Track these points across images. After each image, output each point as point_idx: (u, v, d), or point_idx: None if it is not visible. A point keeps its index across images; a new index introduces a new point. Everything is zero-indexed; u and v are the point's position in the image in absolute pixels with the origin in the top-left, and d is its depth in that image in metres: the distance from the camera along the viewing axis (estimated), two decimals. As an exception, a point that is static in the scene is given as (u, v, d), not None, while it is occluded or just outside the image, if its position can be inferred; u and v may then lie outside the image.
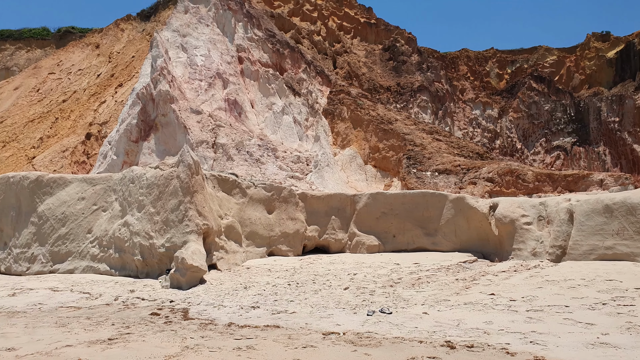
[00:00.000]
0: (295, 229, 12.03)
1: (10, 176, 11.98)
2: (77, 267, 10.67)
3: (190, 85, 22.05)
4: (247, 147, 19.47)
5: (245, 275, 9.60)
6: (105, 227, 10.74)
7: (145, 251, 9.89)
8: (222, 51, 23.85)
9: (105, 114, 28.38)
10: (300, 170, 19.19)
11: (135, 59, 34.36)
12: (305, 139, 21.54)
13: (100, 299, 8.15)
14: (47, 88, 37.14)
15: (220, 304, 7.45)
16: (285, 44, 24.67)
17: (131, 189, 10.54)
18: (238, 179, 11.87)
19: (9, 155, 28.39)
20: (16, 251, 11.32)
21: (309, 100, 23.05)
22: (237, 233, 11.11)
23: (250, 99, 22.81)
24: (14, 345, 5.57)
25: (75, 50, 41.31)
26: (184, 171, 9.89)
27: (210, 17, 25.10)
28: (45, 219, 11.15)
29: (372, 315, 6.47)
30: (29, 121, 32.25)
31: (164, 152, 19.93)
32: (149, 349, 5.35)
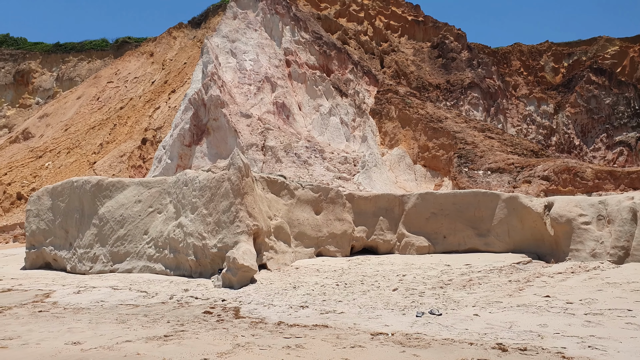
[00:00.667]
0: (343, 229, 12.06)
1: (74, 181, 12.67)
2: (135, 267, 11.15)
3: (240, 89, 22.53)
4: (294, 149, 19.68)
5: (294, 275, 9.72)
6: (160, 228, 11.16)
7: (198, 251, 10.21)
8: (270, 55, 24.23)
9: (160, 120, 29.47)
10: (347, 171, 19.21)
11: (187, 66, 35.50)
12: (352, 139, 21.53)
13: (157, 298, 8.48)
14: (106, 96, 39.01)
15: (270, 303, 7.58)
16: (332, 45, 24.76)
17: (185, 191, 10.90)
18: (286, 180, 12.04)
19: (73, 160, 30.02)
20: (80, 251, 11.97)
21: (356, 100, 23.02)
22: (286, 233, 11.27)
23: (298, 101, 23.05)
24: (79, 340, 5.89)
25: (131, 59, 43.18)
26: (234, 174, 10.14)
27: (258, 21, 25.56)
28: (106, 221, 11.73)
29: (421, 316, 6.40)
30: (90, 128, 33.99)
31: (215, 156, 20.46)
32: (202, 346, 5.53)
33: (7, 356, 5.35)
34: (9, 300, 8.64)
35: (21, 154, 35.30)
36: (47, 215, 12.95)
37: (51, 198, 13.01)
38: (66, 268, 12.21)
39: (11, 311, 7.71)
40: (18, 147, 37.47)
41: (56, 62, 51.76)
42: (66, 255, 12.29)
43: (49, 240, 12.80)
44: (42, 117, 41.62)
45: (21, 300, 8.61)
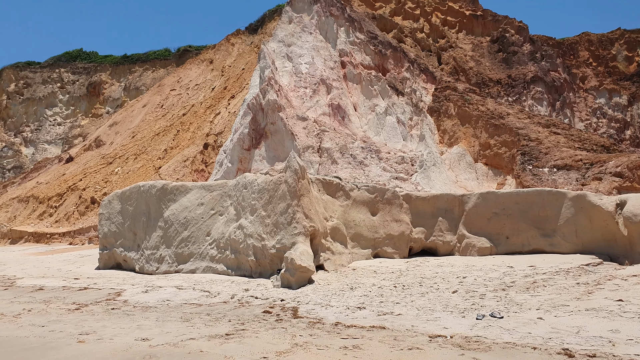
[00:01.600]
0: (400, 230, 11.94)
1: (141, 185, 13.34)
2: (198, 267, 11.57)
3: (296, 93, 22.83)
4: (350, 150, 19.69)
5: (351, 276, 9.73)
6: (222, 230, 11.52)
7: (257, 252, 10.45)
8: (325, 57, 24.40)
9: (220, 125, 30.40)
10: (404, 171, 18.98)
11: (245, 71, 36.41)
12: (409, 138, 21.25)
13: (219, 297, 8.76)
14: (169, 103, 40.72)
15: (328, 304, 7.64)
16: (388, 44, 24.56)
17: (244, 194, 11.20)
18: (341, 181, 12.07)
19: (140, 166, 31.57)
20: (147, 252, 12.58)
21: (413, 99, 22.71)
22: (342, 235, 11.31)
23: (353, 102, 23.05)
24: (148, 336, 6.21)
25: (192, 67, 44.83)
26: (291, 176, 10.30)
27: (313, 24, 25.80)
28: (170, 223, 12.26)
29: (481, 319, 6.23)
30: (155, 135, 35.60)
31: (273, 158, 20.85)
32: (262, 344, 5.67)
33: (85, 350, 5.72)
34: (85, 298, 9.24)
35: (94, 160, 37.55)
36: (117, 219, 13.71)
37: (120, 202, 13.76)
38: (135, 268, 12.87)
39: (87, 308, 8.24)
40: (91, 155, 39.90)
41: (124, 72, 54.66)
42: (135, 256, 12.96)
43: (119, 242, 13.54)
44: (112, 125, 44.07)
45: (96, 298, 9.18)
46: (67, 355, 5.56)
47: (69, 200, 31.53)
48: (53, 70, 56.00)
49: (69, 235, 26.04)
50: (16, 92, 54.91)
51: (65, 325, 6.94)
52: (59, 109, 54.63)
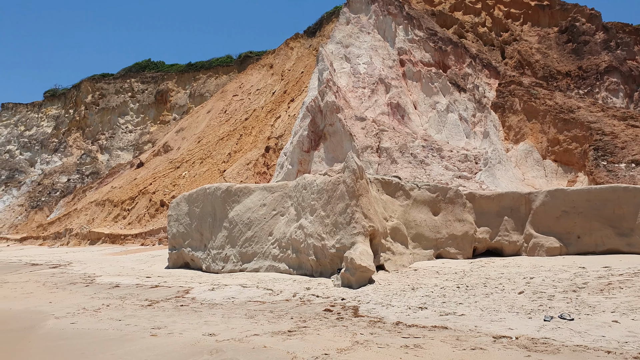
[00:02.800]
0: (464, 230, 11.65)
1: (207, 187, 13.87)
2: (262, 266, 11.87)
3: (354, 93, 22.83)
4: (410, 149, 19.43)
5: (413, 276, 9.63)
6: (283, 230, 11.75)
7: (318, 252, 10.57)
8: (383, 56, 24.24)
9: (281, 128, 30.97)
10: (468, 170, 18.47)
11: (304, 74, 36.86)
12: (472, 136, 20.67)
13: (281, 295, 8.96)
14: (232, 109, 41.96)
15: (389, 304, 7.61)
16: (448, 40, 24.02)
17: (304, 194, 11.36)
18: (401, 181, 11.96)
19: (205, 170, 32.76)
20: (213, 252, 13.06)
21: (476, 95, 22.07)
22: (402, 235, 11.20)
23: (413, 100, 22.72)
24: (214, 332, 6.47)
25: (253, 73, 45.96)
26: (349, 176, 10.35)
27: (371, 24, 25.71)
28: (235, 224, 12.66)
29: (549, 320, 5.98)
30: (219, 139, 36.82)
31: (332, 160, 20.97)
32: (323, 342, 5.75)
33: (157, 343, 6.06)
34: (156, 295, 9.74)
35: (162, 165, 39.38)
36: (185, 220, 14.33)
37: (188, 204, 14.37)
38: (202, 267, 13.39)
39: (159, 304, 8.68)
40: (160, 160, 41.86)
41: (189, 80, 56.93)
42: (201, 256, 13.49)
43: (187, 242, 14.14)
44: (179, 131, 46.02)
45: (166, 296, 9.65)
46: (141, 347, 5.90)
47: (140, 203, 33.27)
48: (124, 80, 59.31)
49: (141, 236, 27.47)
50: (93, 102, 58.64)
51: (140, 320, 7.37)
52: (130, 117, 57.78)
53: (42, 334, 6.87)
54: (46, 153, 57.81)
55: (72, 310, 8.36)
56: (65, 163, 55.17)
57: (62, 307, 8.72)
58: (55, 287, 11.56)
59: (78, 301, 9.35)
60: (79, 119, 58.19)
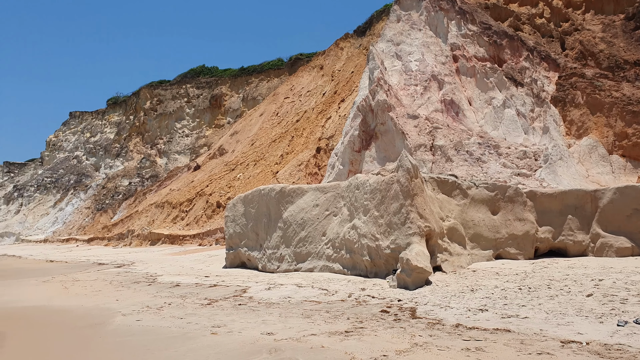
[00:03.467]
0: (525, 230, 11.20)
1: (262, 189, 14.10)
2: (316, 266, 11.91)
3: (406, 91, 22.51)
4: (466, 147, 18.93)
5: (471, 278, 9.36)
6: (336, 230, 11.75)
7: (372, 252, 10.49)
8: (435, 53, 23.76)
9: (331, 129, 31.02)
10: (527, 167, 17.77)
11: (354, 74, 36.76)
12: (531, 131, 19.87)
13: (336, 295, 8.95)
14: (283, 111, 42.46)
15: (447, 305, 7.43)
16: (503, 34, 23.23)
17: (357, 194, 11.31)
18: (457, 180, 11.66)
19: (259, 171, 33.33)
20: (269, 252, 13.25)
21: (534, 89, 21.21)
22: (460, 235, 10.92)
23: (468, 96, 22.13)
24: (272, 331, 6.55)
25: (303, 74, 46.31)
26: (403, 175, 10.19)
27: (422, 21, 25.27)
28: (289, 224, 12.78)
29: (624, 325, 5.64)
30: (272, 141, 37.36)
31: (384, 159, 20.76)
32: (381, 343, 5.69)
33: (218, 341, 6.20)
34: (215, 294, 9.99)
35: (218, 167, 40.42)
36: (241, 220, 14.63)
37: (244, 205, 14.66)
38: (258, 267, 13.62)
39: (218, 303, 8.90)
40: (215, 162, 42.98)
41: (241, 84, 58.14)
42: (257, 256, 13.72)
43: (243, 242, 14.42)
44: (233, 134, 47.08)
45: (224, 295, 9.88)
46: (202, 344, 6.06)
47: (197, 204, 34.29)
48: (180, 86, 61.38)
49: (199, 237, 28.30)
50: (151, 108, 61.07)
51: (200, 318, 7.57)
52: (186, 122, 59.71)
53: (111, 330, 7.20)
54: (109, 158, 60.79)
55: (137, 308, 8.71)
56: (127, 167, 57.77)
57: (127, 305, 9.11)
58: (120, 286, 12.10)
59: (142, 299, 9.74)
60: (138, 124, 60.76)
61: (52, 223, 54.10)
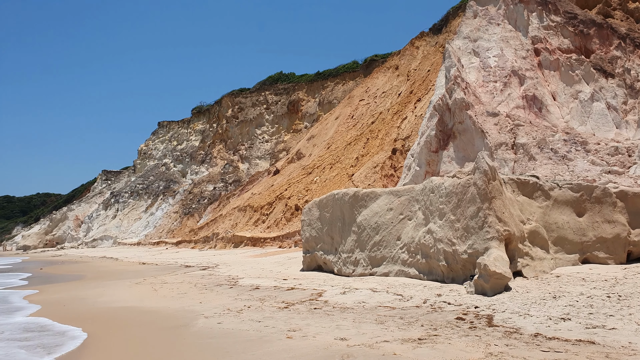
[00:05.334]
0: (615, 233, 10.45)
1: (335, 193, 14.30)
2: (391, 271, 11.89)
3: (485, 88, 21.76)
4: (550, 144, 17.95)
5: (554, 284, 8.90)
6: (411, 234, 11.65)
7: (448, 257, 10.30)
8: (515, 47, 22.76)
9: (407, 129, 30.64)
10: (619, 164, 16.51)
11: (430, 73, 36.06)
12: (624, 125, 18.42)
13: (411, 301, 8.90)
14: (359, 113, 42.54)
15: (526, 313, 7.16)
16: (590, 22, 21.76)
17: (432, 198, 11.15)
18: (539, 180, 11.13)
19: (335, 174, 33.66)
20: (344, 256, 13.41)
21: (627, 79, 19.65)
22: (542, 238, 10.41)
23: (551, 91, 20.97)
24: (345, 336, 6.67)
25: (378, 76, 46.10)
26: (480, 178, 9.92)
27: (501, 15, 24.31)
28: (363, 228, 12.86)
29: None
30: (347, 144, 37.57)
31: (463, 159, 20.20)
32: (454, 351, 5.62)
33: (293, 345, 6.43)
34: (292, 297, 10.30)
35: (296, 171, 41.32)
36: (316, 224, 14.92)
37: (319, 209, 14.94)
38: (333, 270, 13.82)
39: (294, 307, 9.18)
40: (294, 167, 43.97)
41: (317, 89, 59.04)
42: (333, 259, 13.92)
43: (319, 245, 14.70)
44: (310, 138, 47.90)
45: (301, 298, 10.15)
46: (278, 348, 6.32)
47: (277, 208, 35.29)
48: (260, 94, 63.51)
49: (278, 239, 29.13)
50: (232, 116, 63.72)
51: (277, 322, 7.87)
52: (266, 128, 61.67)
53: (194, 332, 7.69)
54: (195, 164, 64.22)
55: (219, 311, 9.21)
56: (211, 173, 60.69)
57: (210, 307, 9.66)
58: (204, 288, 12.82)
59: (223, 302, 10.27)
60: (221, 132, 63.61)
61: (144, 227, 58.11)
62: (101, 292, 13.75)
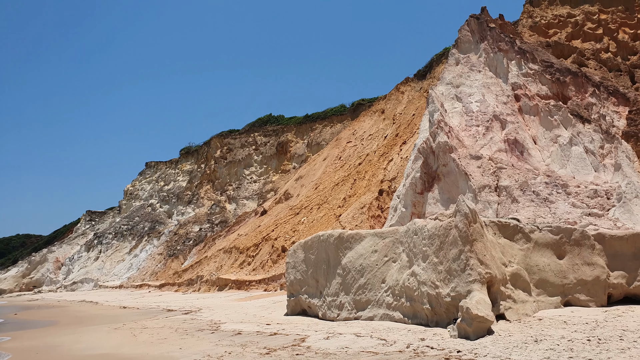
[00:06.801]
0: (594, 275, 10.57)
1: (320, 235, 14.31)
2: (376, 315, 11.80)
3: (468, 132, 22.29)
4: (532, 187, 18.28)
5: (537, 327, 8.92)
6: (396, 277, 11.65)
7: (432, 300, 10.29)
8: (496, 93, 23.50)
9: (393, 171, 31.02)
10: (599, 206, 16.83)
11: (415, 117, 36.86)
12: (601, 169, 18.88)
13: (394, 346, 8.83)
14: (346, 155, 43.05)
15: (508, 357, 7.15)
16: (566, 70, 22.63)
17: (415, 240, 11.24)
18: (519, 223, 11.30)
19: (322, 215, 33.68)
20: (328, 299, 13.30)
21: (602, 125, 20.30)
22: (524, 281, 10.48)
23: (532, 135, 21.55)
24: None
25: (365, 119, 47.00)
26: (461, 220, 10.06)
27: (482, 62, 25.21)
28: (348, 271, 12.83)
29: (701, 385, 5.19)
30: (334, 185, 37.81)
31: (447, 201, 20.43)
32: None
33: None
34: (275, 343, 10.14)
35: (283, 212, 41.27)
36: (301, 267, 14.85)
37: (304, 251, 14.90)
38: (318, 314, 13.66)
39: (276, 353, 9.04)
40: (281, 207, 43.95)
41: (306, 131, 59.85)
42: (317, 303, 13.79)
43: (304, 289, 14.58)
44: (298, 179, 48.14)
45: (283, 344, 10.01)
46: (256, 394, 6.20)
47: (263, 249, 35.01)
48: (249, 135, 64.12)
49: (264, 282, 28.77)
50: (221, 157, 64.00)
51: (257, 367, 7.73)
52: (254, 168, 61.91)
53: (173, 378, 7.52)
54: (181, 205, 63.83)
55: (198, 357, 9.04)
56: (198, 213, 60.29)
57: (190, 354, 9.47)
58: (185, 334, 12.57)
59: (204, 348, 10.08)
60: (209, 172, 63.68)
61: (127, 269, 57.01)
62: (77, 338, 13.40)
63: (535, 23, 26.66)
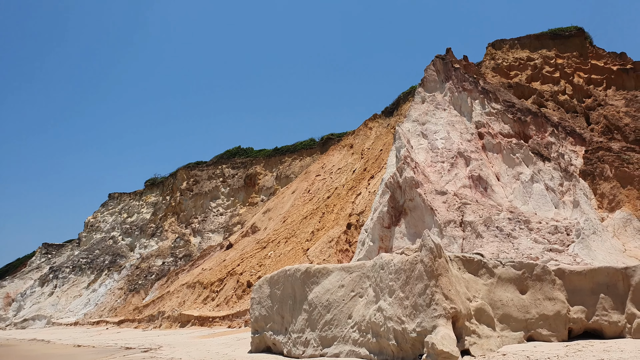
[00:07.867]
0: (555, 310, 10.77)
1: (287, 269, 14.14)
2: (342, 351, 11.62)
3: (433, 168, 22.79)
4: (496, 222, 18.71)
5: (501, 362, 8.96)
6: (362, 312, 11.57)
7: (398, 336, 10.24)
8: (461, 131, 24.24)
9: (361, 205, 31.24)
10: (559, 242, 17.32)
11: (382, 152, 37.50)
12: (561, 206, 19.54)
13: (360, 383, 8.68)
14: (315, 188, 43.18)
15: (473, 394, 7.12)
16: (527, 110, 23.63)
17: (382, 275, 11.24)
18: (483, 258, 11.49)
19: (290, 249, 33.41)
20: (294, 336, 13.04)
21: (561, 163, 21.13)
22: (488, 316, 10.58)
23: (495, 172, 22.20)
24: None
25: (334, 153, 47.50)
26: (426, 255, 10.15)
27: (446, 101, 26.06)
28: (314, 306, 12.66)
29: (658, 419, 5.28)
30: (303, 218, 37.70)
31: (414, 235, 20.65)
32: None
33: None
34: (237, 380, 9.82)
35: (250, 245, 40.74)
36: (266, 302, 14.57)
37: (269, 286, 14.66)
38: (283, 352, 13.35)
39: (238, 390, 8.75)
40: (248, 240, 43.40)
41: (275, 163, 59.87)
42: (282, 340, 13.50)
43: (269, 325, 14.27)
44: (266, 212, 47.81)
45: (246, 381, 9.70)
46: None
47: (228, 284, 34.29)
48: (216, 167, 63.61)
49: (228, 318, 28.06)
50: (187, 189, 63.06)
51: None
52: (221, 201, 61.17)
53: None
54: (144, 238, 62.14)
55: (158, 395, 8.64)
56: (161, 247, 58.79)
57: (149, 392, 9.04)
58: (145, 371, 12.04)
59: (164, 386, 9.66)
60: (174, 204, 62.54)
61: (84, 305, 54.56)
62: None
63: (497, 65, 27.88)
